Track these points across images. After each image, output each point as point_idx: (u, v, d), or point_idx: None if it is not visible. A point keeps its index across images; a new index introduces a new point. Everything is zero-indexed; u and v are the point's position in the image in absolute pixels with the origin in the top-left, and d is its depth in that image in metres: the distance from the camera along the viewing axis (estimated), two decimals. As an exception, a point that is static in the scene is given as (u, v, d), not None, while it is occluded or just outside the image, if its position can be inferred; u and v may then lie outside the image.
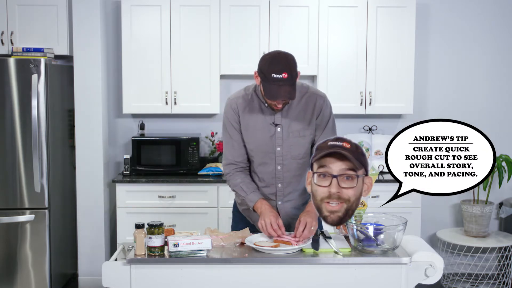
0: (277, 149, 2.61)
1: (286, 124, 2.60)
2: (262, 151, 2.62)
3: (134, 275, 2.24)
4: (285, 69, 2.41)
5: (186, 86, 4.28)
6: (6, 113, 3.92)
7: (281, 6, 4.25)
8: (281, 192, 2.67)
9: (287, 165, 2.63)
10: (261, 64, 2.49)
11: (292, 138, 2.60)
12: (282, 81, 2.41)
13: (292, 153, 2.62)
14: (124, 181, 4.16)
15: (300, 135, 2.61)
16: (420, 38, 4.53)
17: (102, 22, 4.28)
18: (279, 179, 2.65)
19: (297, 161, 2.63)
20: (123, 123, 4.63)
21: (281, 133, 2.60)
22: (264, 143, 2.61)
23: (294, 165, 2.63)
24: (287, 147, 2.61)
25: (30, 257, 3.99)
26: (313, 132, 2.63)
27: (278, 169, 2.63)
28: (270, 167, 2.63)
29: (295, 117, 2.60)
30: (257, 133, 2.61)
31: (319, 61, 4.30)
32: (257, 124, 2.61)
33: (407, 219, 2.31)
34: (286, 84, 2.41)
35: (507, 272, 4.39)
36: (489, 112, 4.66)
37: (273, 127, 2.60)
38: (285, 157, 2.62)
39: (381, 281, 2.25)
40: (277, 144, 2.61)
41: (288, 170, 2.64)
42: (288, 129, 2.60)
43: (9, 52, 4.15)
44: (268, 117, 2.60)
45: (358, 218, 2.40)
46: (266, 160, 2.63)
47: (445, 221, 4.70)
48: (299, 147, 2.62)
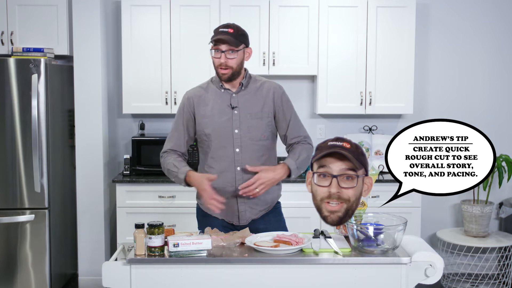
0: (235, 131, 2.70)
1: (243, 106, 2.71)
2: (220, 135, 2.70)
3: (134, 275, 2.24)
4: (231, 26, 2.67)
5: (186, 86, 4.23)
6: (6, 113, 3.92)
7: (281, 6, 4.25)
8: (240, 176, 2.71)
9: (245, 147, 2.70)
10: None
11: (250, 120, 2.70)
12: (227, 33, 2.63)
13: (250, 135, 2.70)
14: (124, 181, 4.16)
15: (257, 117, 2.71)
16: (420, 38, 4.53)
17: (102, 22, 4.28)
18: (238, 162, 2.70)
19: (255, 142, 2.71)
20: (123, 123, 4.63)
21: (238, 115, 2.70)
22: (221, 126, 2.70)
23: (252, 147, 2.71)
24: (245, 129, 2.70)
25: (30, 257, 4.00)
26: (270, 116, 2.74)
27: (236, 151, 2.70)
28: (228, 150, 2.70)
29: (251, 99, 2.73)
30: (215, 117, 2.71)
31: (319, 61, 4.30)
32: (214, 109, 2.71)
33: (407, 219, 2.31)
34: (231, 35, 2.62)
35: (507, 272, 4.39)
36: (489, 112, 4.67)
37: (230, 110, 2.71)
38: (243, 139, 2.70)
39: (381, 281, 2.25)
40: (234, 126, 2.70)
41: (246, 152, 2.70)
42: (245, 111, 2.71)
43: (9, 52, 4.15)
44: (225, 101, 2.72)
45: (358, 218, 2.39)
46: (224, 144, 2.70)
47: (445, 221, 4.70)
48: (256, 129, 2.71)
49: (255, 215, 2.78)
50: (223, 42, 2.62)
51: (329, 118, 4.64)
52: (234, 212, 2.76)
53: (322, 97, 4.33)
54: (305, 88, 4.60)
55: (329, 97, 4.34)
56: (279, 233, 2.44)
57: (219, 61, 2.65)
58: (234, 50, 2.64)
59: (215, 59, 2.67)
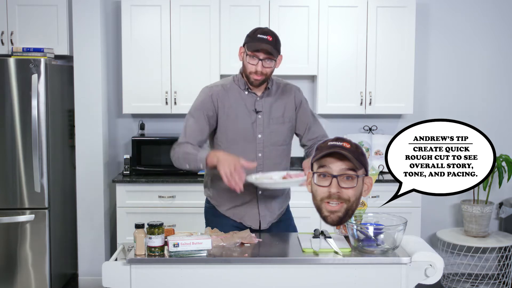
0: (258, 136, 2.66)
1: (266, 110, 2.66)
2: (243, 139, 2.65)
3: (134, 275, 2.24)
4: (270, 33, 2.58)
5: (186, 86, 4.28)
6: (6, 113, 3.92)
7: (281, 6, 4.25)
8: None
9: (267, 152, 2.67)
10: (248, 34, 2.63)
11: (273, 125, 2.66)
12: (266, 41, 2.55)
13: (272, 140, 2.67)
14: (124, 181, 4.16)
15: (280, 122, 2.68)
16: (420, 38, 4.53)
17: (102, 22, 4.28)
18: (259, 167, 2.66)
19: (276, 147, 2.68)
20: (123, 123, 4.64)
21: (262, 120, 2.65)
22: (245, 130, 2.64)
23: (274, 152, 2.68)
24: (268, 134, 2.66)
25: (30, 257, 4.00)
26: (292, 120, 2.71)
27: (259, 156, 2.66)
28: (251, 155, 2.64)
29: (274, 104, 2.68)
30: (238, 121, 2.64)
31: (319, 61, 4.30)
32: (238, 112, 2.64)
33: (407, 219, 2.31)
34: (270, 44, 2.55)
35: (507, 272, 4.39)
36: (489, 112, 4.67)
37: (254, 114, 2.65)
38: (266, 144, 2.66)
39: (381, 281, 2.25)
40: (258, 131, 2.65)
41: (268, 157, 2.67)
42: (268, 116, 2.66)
43: (9, 52, 4.15)
44: (249, 104, 2.65)
45: (358, 218, 2.39)
46: (246, 148, 2.65)
47: (445, 221, 4.70)
48: (279, 134, 2.68)
49: (274, 219, 2.75)
50: (263, 51, 2.54)
51: (329, 118, 4.64)
52: (255, 216, 2.70)
53: (322, 97, 4.33)
54: (305, 88, 4.58)
55: (329, 97, 4.34)
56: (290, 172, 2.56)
57: (255, 68, 2.57)
58: (272, 59, 2.58)
59: (250, 65, 2.57)
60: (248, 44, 2.58)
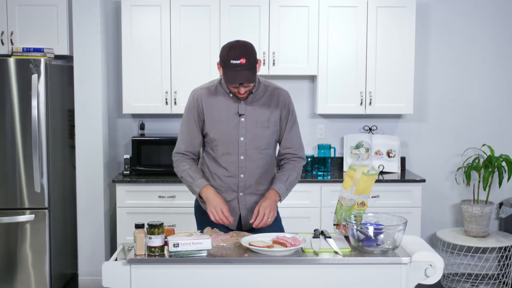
0: (240, 139, 2.68)
1: (250, 114, 2.67)
2: (226, 141, 2.68)
3: (134, 275, 2.24)
4: (243, 55, 2.49)
5: (186, 86, 4.28)
6: (6, 113, 3.92)
7: (281, 6, 4.25)
8: (243, 183, 2.71)
9: (250, 155, 2.69)
10: (220, 53, 2.57)
11: (256, 128, 2.68)
12: (241, 66, 2.49)
13: (255, 143, 2.69)
14: (124, 181, 4.16)
15: (263, 126, 2.69)
16: (420, 38, 4.53)
17: (102, 22, 4.28)
18: (242, 169, 2.69)
19: (260, 151, 2.70)
20: (123, 123, 4.64)
21: (245, 123, 2.67)
22: (227, 132, 2.67)
23: (257, 155, 2.70)
24: (251, 137, 2.68)
25: (30, 257, 4.00)
26: (277, 125, 2.72)
27: (241, 159, 2.69)
28: (233, 157, 2.69)
29: (259, 107, 2.68)
30: (221, 123, 2.67)
31: (319, 61, 4.30)
32: (222, 114, 2.67)
33: (407, 219, 2.31)
34: (245, 69, 2.50)
35: (507, 272, 4.39)
36: (489, 112, 4.67)
37: (237, 117, 2.67)
38: (248, 147, 2.68)
39: (381, 281, 2.25)
40: (240, 134, 2.67)
41: (251, 161, 2.69)
42: (251, 119, 2.67)
43: (9, 52, 4.15)
44: (232, 107, 2.67)
45: (358, 218, 2.40)
46: (229, 150, 2.68)
47: (445, 221, 4.70)
48: (262, 137, 2.69)
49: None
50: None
51: (329, 118, 4.64)
52: (236, 218, 2.74)
53: (322, 97, 4.33)
54: (305, 88, 4.60)
55: (329, 97, 4.34)
56: (279, 235, 2.44)
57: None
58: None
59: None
60: (223, 71, 2.54)
